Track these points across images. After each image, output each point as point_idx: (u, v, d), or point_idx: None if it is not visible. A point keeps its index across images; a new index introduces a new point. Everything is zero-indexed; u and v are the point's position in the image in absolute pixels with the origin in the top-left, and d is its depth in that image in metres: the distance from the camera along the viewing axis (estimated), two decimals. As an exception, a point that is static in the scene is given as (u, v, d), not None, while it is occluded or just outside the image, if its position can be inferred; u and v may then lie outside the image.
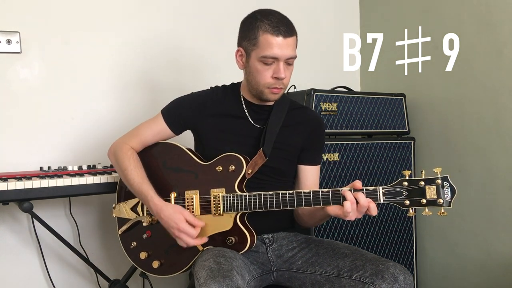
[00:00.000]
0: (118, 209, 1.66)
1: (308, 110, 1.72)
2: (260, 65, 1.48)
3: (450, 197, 1.27)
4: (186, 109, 1.61)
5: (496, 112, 2.09)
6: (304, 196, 1.38)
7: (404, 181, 1.30)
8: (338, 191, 1.35)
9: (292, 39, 1.47)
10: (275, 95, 1.52)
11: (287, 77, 1.50)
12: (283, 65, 1.47)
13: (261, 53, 1.46)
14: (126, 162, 1.58)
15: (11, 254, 2.04)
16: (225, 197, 1.47)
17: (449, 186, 1.27)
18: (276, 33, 1.44)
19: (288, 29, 1.46)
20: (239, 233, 1.47)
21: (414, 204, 1.29)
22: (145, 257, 1.60)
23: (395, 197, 1.30)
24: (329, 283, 1.44)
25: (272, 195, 1.42)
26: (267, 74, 1.48)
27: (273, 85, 1.49)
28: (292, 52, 1.48)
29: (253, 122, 1.59)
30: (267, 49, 1.45)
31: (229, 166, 1.49)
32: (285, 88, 1.53)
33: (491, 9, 2.09)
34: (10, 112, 2.02)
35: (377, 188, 1.31)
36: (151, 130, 1.63)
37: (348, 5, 2.81)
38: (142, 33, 2.26)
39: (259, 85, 1.50)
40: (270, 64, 1.47)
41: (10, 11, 2.00)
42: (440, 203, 1.27)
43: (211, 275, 1.26)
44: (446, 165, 2.29)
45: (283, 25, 1.46)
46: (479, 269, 2.19)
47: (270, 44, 1.44)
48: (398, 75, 2.59)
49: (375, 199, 1.32)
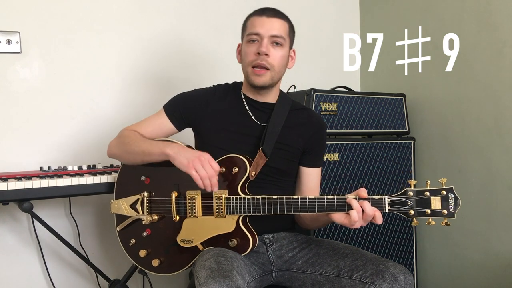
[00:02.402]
0: (117, 205, 1.65)
1: (310, 112, 1.72)
2: (247, 46, 1.53)
3: (454, 209, 1.28)
4: (188, 104, 1.61)
5: (496, 112, 2.09)
6: (309, 202, 1.38)
7: (410, 191, 1.31)
8: (343, 199, 1.34)
9: (277, 20, 1.52)
10: (260, 78, 1.51)
11: (274, 57, 1.51)
12: (267, 42, 1.50)
13: (247, 33, 1.54)
14: (131, 135, 1.58)
15: (11, 254, 2.04)
16: (228, 200, 1.46)
17: (453, 198, 1.28)
18: (260, 14, 1.53)
19: (275, 13, 1.54)
20: (241, 235, 1.46)
21: (419, 214, 1.30)
22: (145, 255, 1.59)
23: (400, 207, 1.31)
24: (329, 283, 1.44)
25: (276, 200, 1.41)
26: (251, 52, 1.52)
27: (255, 61, 1.50)
28: (277, 32, 1.51)
29: (255, 119, 1.59)
30: (251, 28, 1.53)
31: (232, 168, 1.48)
32: (273, 70, 1.52)
33: (491, 9, 2.09)
34: (10, 112, 2.02)
35: (383, 198, 1.31)
36: (153, 124, 1.63)
37: (348, 5, 2.81)
38: (142, 33, 2.26)
39: (245, 65, 1.54)
40: (256, 42, 1.51)
41: (10, 11, 2.00)
42: (445, 214, 1.28)
43: (212, 275, 1.26)
44: (446, 165, 2.29)
45: (269, 10, 1.54)
46: (479, 269, 2.19)
47: (253, 23, 1.53)
48: (398, 75, 2.59)
49: (380, 208, 1.32)
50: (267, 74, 1.51)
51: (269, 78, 1.52)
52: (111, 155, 1.69)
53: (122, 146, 1.60)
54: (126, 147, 1.58)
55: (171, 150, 1.46)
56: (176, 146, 1.47)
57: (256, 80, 1.52)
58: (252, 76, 1.52)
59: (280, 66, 1.53)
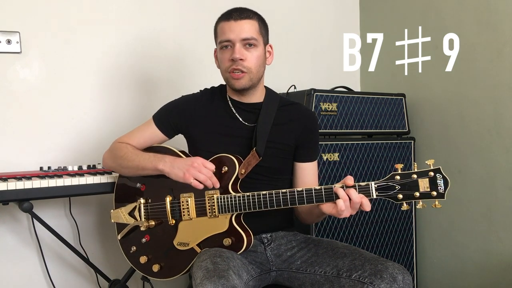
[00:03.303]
0: (116, 214, 1.66)
1: (299, 106, 1.70)
2: (221, 52, 1.54)
3: (443, 189, 1.25)
4: (176, 114, 1.63)
5: (496, 112, 2.09)
6: (297, 195, 1.38)
7: (397, 175, 1.29)
8: (330, 188, 1.35)
9: (245, 21, 1.51)
10: (238, 81, 1.52)
11: (249, 59, 1.51)
12: (239, 47, 1.50)
13: (218, 40, 1.54)
14: (123, 149, 1.60)
15: (11, 254, 2.04)
16: (219, 199, 1.47)
17: (442, 178, 1.26)
18: (227, 18, 1.52)
19: (241, 14, 1.52)
20: (235, 234, 1.47)
21: (407, 197, 1.28)
22: (145, 261, 1.60)
23: (388, 192, 1.29)
24: (328, 283, 1.44)
25: (266, 195, 1.42)
26: (226, 58, 1.52)
27: (231, 67, 1.51)
28: (247, 34, 1.50)
29: (243, 121, 1.59)
30: (221, 35, 1.53)
31: (222, 168, 1.49)
32: (250, 73, 1.52)
33: (491, 9, 2.08)
34: (10, 112, 2.03)
35: (369, 184, 1.31)
36: (144, 135, 1.65)
37: (348, 5, 2.81)
38: (142, 33, 2.26)
39: (223, 72, 1.56)
40: (228, 48, 1.52)
41: (10, 11, 2.01)
42: (434, 196, 1.26)
43: (207, 275, 1.26)
44: (446, 165, 2.28)
45: (235, 11, 1.53)
46: (479, 269, 2.19)
47: (223, 29, 1.52)
48: (398, 75, 2.59)
49: (367, 195, 1.31)
50: (245, 77, 1.52)
51: (248, 80, 1.53)
52: (107, 167, 1.72)
53: (117, 160, 1.62)
54: (120, 161, 1.61)
55: (164, 165, 1.49)
56: (168, 160, 1.49)
57: (236, 83, 1.53)
58: (231, 80, 1.54)
59: (257, 66, 1.54)
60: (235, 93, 1.60)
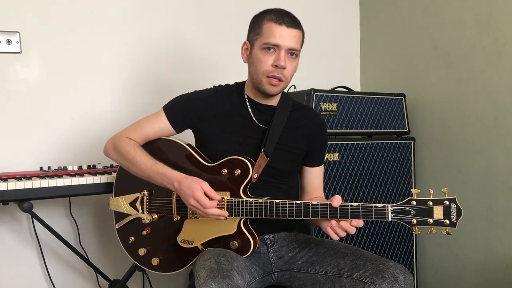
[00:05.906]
0: (116, 203, 1.64)
1: (311, 111, 1.71)
2: (262, 53, 1.48)
3: (456, 219, 1.28)
4: (189, 107, 1.59)
5: (496, 112, 2.09)
6: (312, 208, 1.38)
7: (413, 201, 1.31)
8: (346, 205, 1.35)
9: (295, 31, 1.49)
10: (274, 87, 1.50)
11: (288, 69, 1.49)
12: (284, 55, 1.47)
13: (264, 40, 1.48)
14: (132, 151, 1.55)
15: (11, 254, 2.04)
16: (230, 202, 1.45)
17: (456, 208, 1.28)
18: (279, 22, 1.47)
19: (292, 21, 1.49)
20: (242, 237, 1.45)
21: (421, 223, 1.30)
22: (144, 254, 1.59)
23: (403, 216, 1.31)
24: (329, 283, 1.44)
25: (279, 204, 1.40)
26: (268, 62, 1.48)
27: (272, 73, 1.48)
28: (295, 44, 1.48)
29: (257, 122, 1.58)
30: (269, 36, 1.47)
31: (234, 170, 1.46)
32: (285, 81, 1.51)
33: (491, 9, 2.09)
34: (10, 112, 2.03)
35: (386, 206, 1.31)
36: (152, 126, 1.60)
37: (348, 5, 2.81)
38: (142, 33, 2.26)
39: (259, 73, 1.50)
40: (272, 51, 1.47)
41: (10, 11, 2.00)
42: (446, 224, 1.28)
43: (211, 275, 1.26)
44: (446, 165, 2.29)
45: (287, 17, 1.49)
46: (479, 269, 2.19)
47: (272, 31, 1.47)
48: (398, 75, 2.59)
49: (383, 217, 1.32)
50: (281, 85, 1.51)
51: (282, 88, 1.53)
52: (109, 157, 1.67)
53: (123, 161, 1.60)
54: (127, 164, 1.58)
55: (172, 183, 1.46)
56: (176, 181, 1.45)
57: (270, 89, 1.51)
58: (266, 85, 1.50)
59: (291, 76, 1.54)
60: (258, 94, 1.57)
